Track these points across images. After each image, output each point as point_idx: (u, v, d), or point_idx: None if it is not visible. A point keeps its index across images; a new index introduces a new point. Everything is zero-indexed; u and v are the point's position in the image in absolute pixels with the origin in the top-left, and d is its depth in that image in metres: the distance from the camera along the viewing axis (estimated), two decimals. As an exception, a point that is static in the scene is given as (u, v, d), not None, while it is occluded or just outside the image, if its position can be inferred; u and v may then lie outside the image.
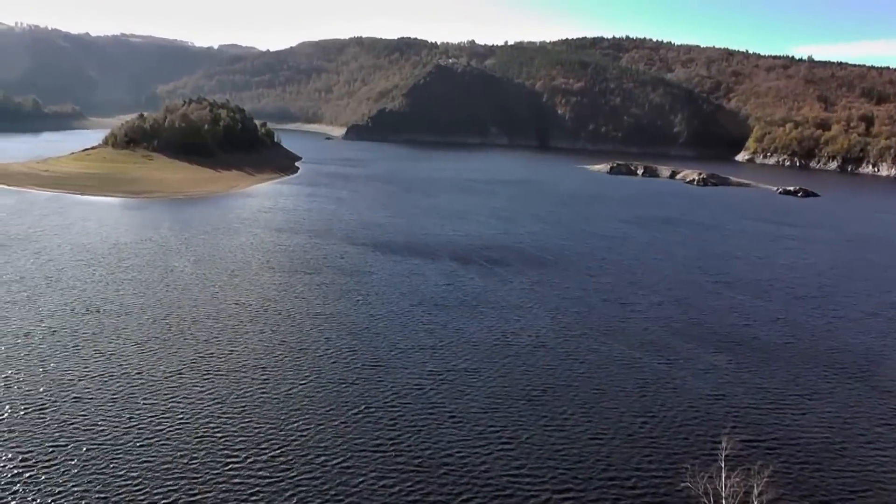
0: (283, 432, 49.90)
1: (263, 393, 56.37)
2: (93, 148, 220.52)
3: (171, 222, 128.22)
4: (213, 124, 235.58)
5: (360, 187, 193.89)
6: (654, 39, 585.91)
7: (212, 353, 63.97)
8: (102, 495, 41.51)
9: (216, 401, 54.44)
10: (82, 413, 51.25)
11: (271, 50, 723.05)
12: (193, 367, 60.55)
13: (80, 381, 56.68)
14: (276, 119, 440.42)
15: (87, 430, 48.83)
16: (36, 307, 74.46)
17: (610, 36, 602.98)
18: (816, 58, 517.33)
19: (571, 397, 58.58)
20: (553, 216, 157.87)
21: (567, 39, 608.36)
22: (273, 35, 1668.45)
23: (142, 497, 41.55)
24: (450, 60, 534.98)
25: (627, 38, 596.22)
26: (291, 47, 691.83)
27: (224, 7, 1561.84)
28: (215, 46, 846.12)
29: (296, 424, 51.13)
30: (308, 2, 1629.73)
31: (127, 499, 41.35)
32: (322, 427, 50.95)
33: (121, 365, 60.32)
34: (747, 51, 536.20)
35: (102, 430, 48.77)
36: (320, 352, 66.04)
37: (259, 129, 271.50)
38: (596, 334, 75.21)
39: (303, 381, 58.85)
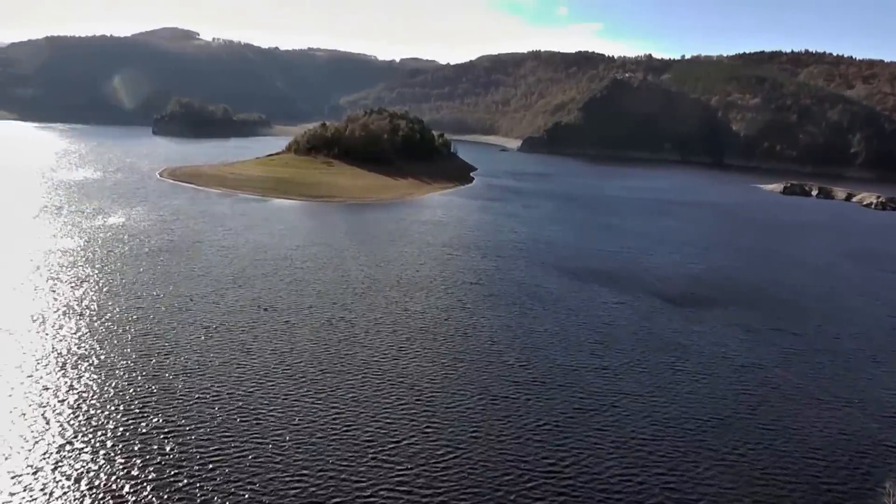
0: (448, 444, 48.47)
1: (430, 403, 54.89)
2: (276, 154, 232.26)
3: (347, 227, 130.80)
4: (391, 134, 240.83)
5: (533, 202, 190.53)
6: (835, 54, 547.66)
7: (380, 361, 62.91)
8: (266, 488, 41.79)
9: (384, 408, 53.36)
10: (252, 408, 51.73)
11: (451, 64, 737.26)
12: (362, 373, 59.71)
13: (252, 376, 57.24)
14: (453, 130, 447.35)
15: (256, 424, 49.30)
16: (218, 303, 76.76)
17: (788, 50, 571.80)
18: None
19: (743, 430, 54.29)
20: (725, 240, 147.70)
21: (744, 53, 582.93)
22: (453, 49, 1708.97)
23: (303, 495, 41.65)
24: (626, 75, 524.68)
25: (806, 52, 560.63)
26: (471, 61, 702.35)
27: (407, 23, 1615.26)
28: (397, 60, 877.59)
29: (461, 437, 49.49)
30: (488, 18, 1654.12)
31: (291, 492, 41.67)
32: (488, 442, 49.14)
33: (295, 363, 60.88)
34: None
35: (269, 427, 48.90)
36: (488, 366, 63.68)
37: (436, 139, 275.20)
38: (770, 365, 69.17)
39: (470, 395, 56.68)
